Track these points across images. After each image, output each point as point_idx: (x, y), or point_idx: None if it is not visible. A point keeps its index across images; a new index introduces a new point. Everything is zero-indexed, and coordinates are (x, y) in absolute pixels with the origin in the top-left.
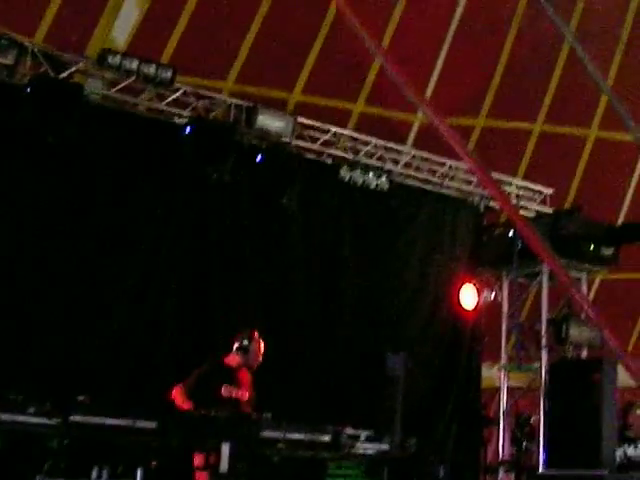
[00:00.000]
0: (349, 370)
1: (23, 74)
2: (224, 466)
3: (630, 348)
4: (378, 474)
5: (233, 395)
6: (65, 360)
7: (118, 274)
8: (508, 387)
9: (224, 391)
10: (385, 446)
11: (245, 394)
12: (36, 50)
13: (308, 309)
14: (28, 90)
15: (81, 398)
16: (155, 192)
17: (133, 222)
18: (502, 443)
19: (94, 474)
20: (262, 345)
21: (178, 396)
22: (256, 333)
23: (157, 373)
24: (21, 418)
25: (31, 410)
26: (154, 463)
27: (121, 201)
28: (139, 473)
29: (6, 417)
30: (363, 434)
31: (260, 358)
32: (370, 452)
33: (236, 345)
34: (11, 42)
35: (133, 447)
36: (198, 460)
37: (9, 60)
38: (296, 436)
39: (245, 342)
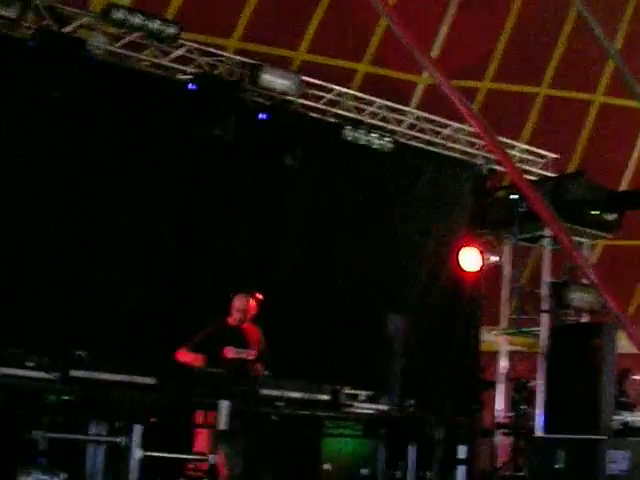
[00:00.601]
0: (348, 330)
1: (27, 27)
2: (222, 423)
3: (630, 314)
4: (376, 434)
5: (237, 356)
6: (64, 314)
7: (117, 228)
8: (507, 351)
9: (228, 353)
10: (383, 406)
11: (251, 352)
12: (40, 3)
13: (308, 269)
14: (31, 44)
15: (80, 353)
16: (158, 148)
17: (134, 177)
18: (500, 407)
19: (92, 430)
20: (247, 301)
21: (185, 355)
22: (246, 293)
23: (156, 329)
24: (20, 372)
25: (30, 364)
26: (152, 420)
27: (123, 156)
28: (137, 429)
29: (5, 371)
30: (362, 394)
31: (238, 314)
32: (368, 412)
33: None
34: None
35: (131, 403)
36: (199, 418)
37: (12, 13)
38: (295, 394)
39: (231, 295)
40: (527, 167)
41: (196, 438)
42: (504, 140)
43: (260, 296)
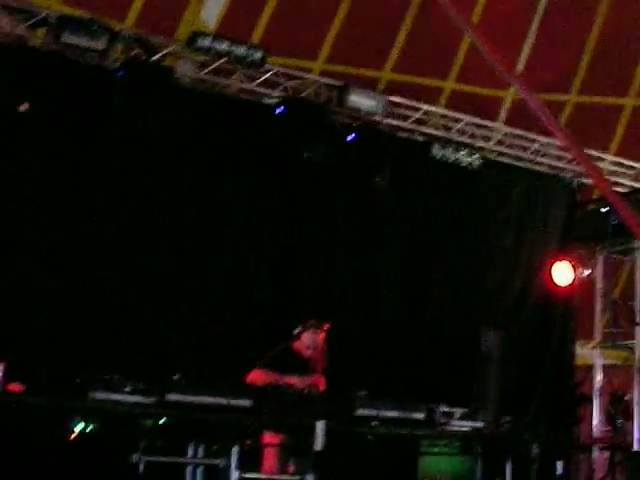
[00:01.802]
0: (443, 348)
1: (115, 58)
2: (319, 444)
3: None
4: (472, 451)
5: (304, 386)
6: (160, 339)
7: (211, 255)
8: (602, 365)
9: (297, 385)
10: (479, 424)
11: (316, 378)
12: (127, 35)
13: (400, 288)
14: (120, 74)
15: (176, 377)
16: (247, 172)
17: (225, 203)
18: (596, 421)
19: (189, 452)
20: (316, 337)
21: (260, 375)
22: (313, 322)
23: (251, 351)
24: (117, 397)
25: (127, 389)
26: (249, 442)
27: (213, 182)
28: (234, 451)
29: (103, 396)
30: (457, 412)
31: (309, 351)
32: (464, 430)
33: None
34: (102, 27)
35: (228, 426)
36: (267, 437)
37: (101, 45)
38: (390, 414)
39: (298, 329)
40: (617, 179)
41: (265, 458)
42: (593, 153)
43: (327, 326)
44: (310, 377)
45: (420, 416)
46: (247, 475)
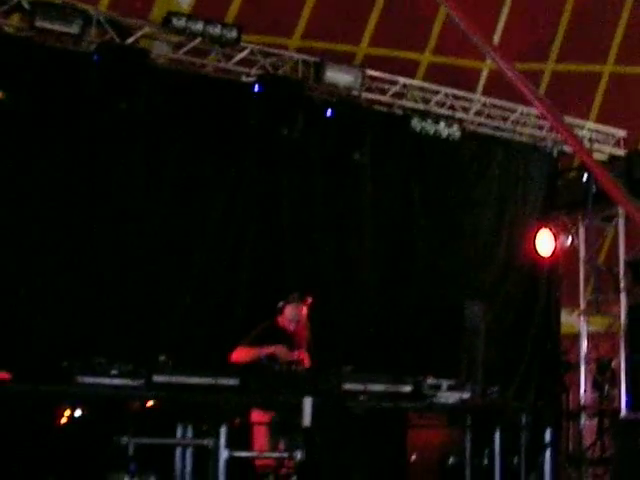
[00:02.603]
0: (427, 321)
1: (89, 42)
2: (307, 421)
3: None
4: (460, 423)
5: (289, 359)
6: (144, 320)
7: (193, 234)
8: (588, 332)
9: (281, 360)
10: (467, 395)
11: (301, 353)
12: (101, 18)
13: (382, 262)
14: (95, 58)
15: (162, 358)
16: (226, 151)
17: (205, 182)
18: (584, 388)
19: (178, 433)
20: (298, 310)
21: (244, 352)
22: (296, 296)
23: (235, 331)
24: (105, 380)
25: (114, 372)
26: (237, 420)
27: (193, 161)
28: (223, 431)
29: (90, 380)
30: (444, 383)
31: (292, 324)
32: (452, 401)
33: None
34: (76, 11)
35: (216, 405)
36: (256, 416)
37: (75, 29)
38: (377, 387)
39: (281, 303)
40: (598, 146)
41: (254, 436)
42: (573, 120)
43: (310, 299)
44: (294, 352)
45: (407, 389)
46: (236, 454)
